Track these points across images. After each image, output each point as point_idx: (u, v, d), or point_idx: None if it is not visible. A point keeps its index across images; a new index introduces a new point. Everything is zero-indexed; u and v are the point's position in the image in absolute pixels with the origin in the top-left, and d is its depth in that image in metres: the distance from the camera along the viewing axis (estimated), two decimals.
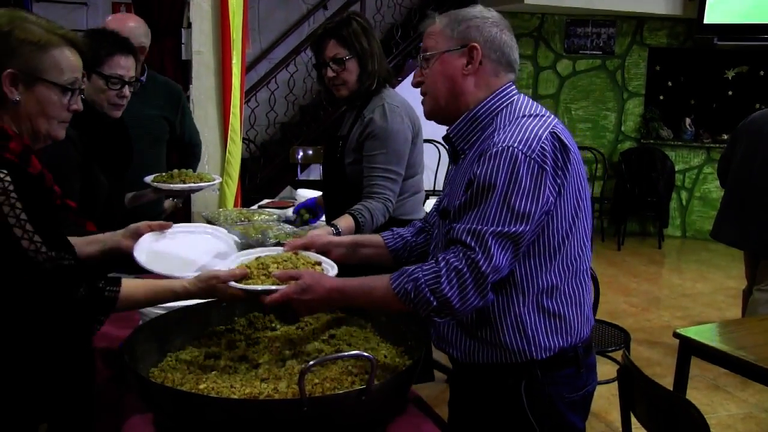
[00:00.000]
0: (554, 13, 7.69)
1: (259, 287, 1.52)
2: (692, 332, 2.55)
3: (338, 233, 2.13)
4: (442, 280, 1.41)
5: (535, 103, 1.60)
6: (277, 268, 1.58)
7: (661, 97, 7.90)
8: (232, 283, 1.53)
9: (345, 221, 2.22)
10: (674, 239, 7.74)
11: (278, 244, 1.98)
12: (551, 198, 1.45)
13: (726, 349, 2.39)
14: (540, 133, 1.46)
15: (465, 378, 1.69)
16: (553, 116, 1.56)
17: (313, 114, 6.95)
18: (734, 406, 3.68)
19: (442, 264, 1.42)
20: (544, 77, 7.96)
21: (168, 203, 2.99)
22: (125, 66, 2.26)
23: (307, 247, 1.74)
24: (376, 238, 1.85)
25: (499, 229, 1.41)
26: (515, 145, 1.43)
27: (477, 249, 1.40)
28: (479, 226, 1.42)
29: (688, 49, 7.77)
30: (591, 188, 7.41)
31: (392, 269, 1.54)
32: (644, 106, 7.94)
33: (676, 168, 7.64)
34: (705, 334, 2.58)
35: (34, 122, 1.49)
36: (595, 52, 7.90)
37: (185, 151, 3.27)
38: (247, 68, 5.29)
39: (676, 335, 2.54)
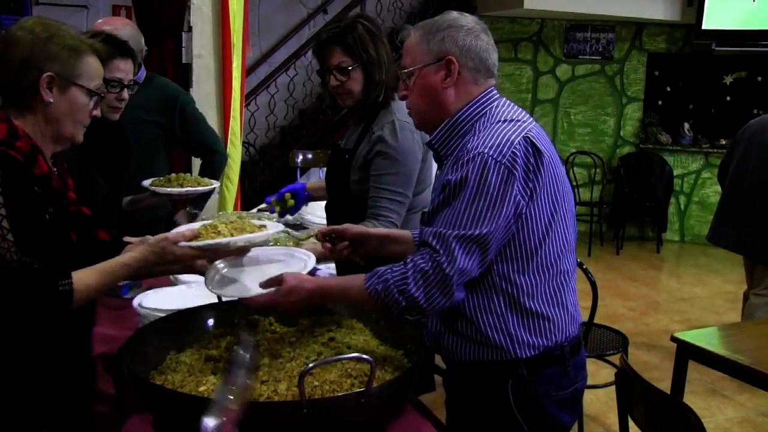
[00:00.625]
0: (554, 18, 7.71)
1: (212, 241, 1.57)
2: (690, 336, 2.55)
3: None
4: (409, 281, 1.46)
5: (514, 107, 1.61)
6: (226, 227, 1.64)
7: (660, 102, 7.92)
8: (182, 243, 1.55)
9: None
10: (672, 244, 7.75)
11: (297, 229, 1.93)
12: (522, 201, 1.48)
13: (723, 353, 2.40)
14: (512, 138, 1.49)
15: (456, 377, 1.72)
16: (530, 121, 1.58)
17: (313, 118, 6.96)
18: (731, 410, 3.69)
19: (410, 265, 1.48)
20: (544, 82, 7.98)
21: (181, 215, 2.93)
22: (124, 69, 2.27)
23: (341, 234, 1.80)
24: (406, 234, 1.88)
25: (463, 232, 1.45)
26: (486, 151, 1.47)
27: (441, 252, 1.46)
28: (444, 230, 1.47)
29: (687, 54, 7.79)
30: (590, 193, 7.43)
31: None
32: (643, 111, 7.96)
33: (675, 173, 7.65)
34: (702, 338, 2.58)
35: (61, 125, 1.54)
36: (594, 57, 7.92)
37: (202, 159, 3.14)
38: (247, 72, 5.30)
39: (674, 339, 2.54)
